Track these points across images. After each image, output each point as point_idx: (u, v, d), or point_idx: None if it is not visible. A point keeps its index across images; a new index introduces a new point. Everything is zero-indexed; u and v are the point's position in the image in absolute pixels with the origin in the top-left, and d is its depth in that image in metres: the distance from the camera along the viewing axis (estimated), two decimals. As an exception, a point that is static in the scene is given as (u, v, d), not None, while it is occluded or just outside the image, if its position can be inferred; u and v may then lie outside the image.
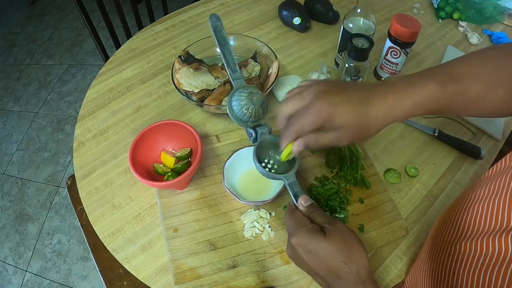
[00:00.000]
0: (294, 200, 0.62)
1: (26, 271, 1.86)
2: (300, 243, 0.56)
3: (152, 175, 0.79)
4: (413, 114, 0.56)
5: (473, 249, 0.47)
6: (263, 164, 0.68)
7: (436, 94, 0.55)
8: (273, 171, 0.68)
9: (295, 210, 0.61)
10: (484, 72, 0.57)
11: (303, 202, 0.60)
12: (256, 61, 0.96)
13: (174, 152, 0.83)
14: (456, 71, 0.57)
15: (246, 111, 0.71)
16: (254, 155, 0.67)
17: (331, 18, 1.20)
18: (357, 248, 0.54)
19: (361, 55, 0.87)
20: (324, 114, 0.54)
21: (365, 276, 0.52)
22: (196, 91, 0.89)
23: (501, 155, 0.81)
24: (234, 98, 0.73)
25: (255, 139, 0.72)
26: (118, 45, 1.45)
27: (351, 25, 0.96)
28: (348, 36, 0.91)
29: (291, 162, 0.67)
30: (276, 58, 0.94)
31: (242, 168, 0.79)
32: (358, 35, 0.88)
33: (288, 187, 0.64)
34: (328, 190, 0.77)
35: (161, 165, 0.81)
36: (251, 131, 0.72)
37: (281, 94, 0.95)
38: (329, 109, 0.54)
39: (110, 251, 0.75)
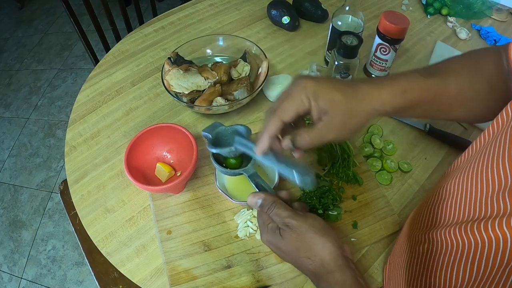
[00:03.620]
0: (257, 190, 0.63)
1: (21, 278, 1.85)
2: (267, 241, 0.59)
3: (147, 178, 0.78)
4: (398, 102, 0.54)
5: (444, 242, 0.48)
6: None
7: (419, 84, 0.55)
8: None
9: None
10: (463, 67, 0.59)
11: (253, 204, 0.60)
12: (246, 61, 0.96)
13: (168, 155, 0.83)
14: (436, 68, 0.59)
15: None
16: (212, 157, 0.69)
17: (319, 16, 1.20)
18: (316, 241, 0.55)
19: (350, 52, 0.87)
20: (308, 90, 0.51)
21: (332, 265, 0.53)
22: (186, 92, 0.89)
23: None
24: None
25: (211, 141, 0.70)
26: (107, 49, 1.44)
27: (339, 23, 0.97)
28: (337, 34, 0.92)
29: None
30: (266, 57, 0.94)
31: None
32: (347, 33, 0.88)
33: (249, 179, 0.65)
34: (320, 188, 0.77)
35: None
36: (207, 134, 0.70)
37: (271, 93, 0.96)
38: (313, 85, 0.51)
39: (104, 255, 0.74)
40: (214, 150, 0.67)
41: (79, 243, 0.92)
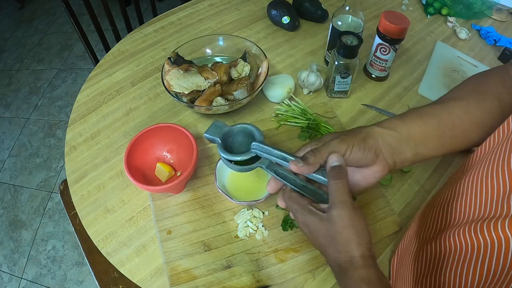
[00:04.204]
0: (280, 179, 0.59)
1: (21, 278, 1.85)
2: (303, 222, 0.56)
3: (147, 178, 0.78)
4: (396, 124, 0.59)
5: (453, 244, 0.48)
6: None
7: (414, 110, 0.61)
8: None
9: (291, 192, 0.58)
10: (466, 91, 0.63)
11: (333, 160, 0.55)
12: (246, 61, 0.96)
13: (168, 155, 0.83)
14: (438, 99, 0.65)
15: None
16: (224, 160, 0.63)
17: (319, 16, 1.20)
18: (354, 240, 0.52)
19: (350, 52, 0.87)
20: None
21: (361, 263, 0.52)
22: (186, 92, 0.89)
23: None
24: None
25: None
26: (107, 49, 1.44)
27: (339, 23, 0.97)
28: (337, 34, 0.92)
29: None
30: (266, 57, 0.94)
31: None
32: (347, 33, 0.88)
33: (267, 171, 0.61)
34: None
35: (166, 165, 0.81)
36: (213, 137, 0.65)
37: (271, 93, 0.96)
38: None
39: (104, 255, 0.74)
40: (231, 158, 0.61)
41: (79, 243, 0.92)
